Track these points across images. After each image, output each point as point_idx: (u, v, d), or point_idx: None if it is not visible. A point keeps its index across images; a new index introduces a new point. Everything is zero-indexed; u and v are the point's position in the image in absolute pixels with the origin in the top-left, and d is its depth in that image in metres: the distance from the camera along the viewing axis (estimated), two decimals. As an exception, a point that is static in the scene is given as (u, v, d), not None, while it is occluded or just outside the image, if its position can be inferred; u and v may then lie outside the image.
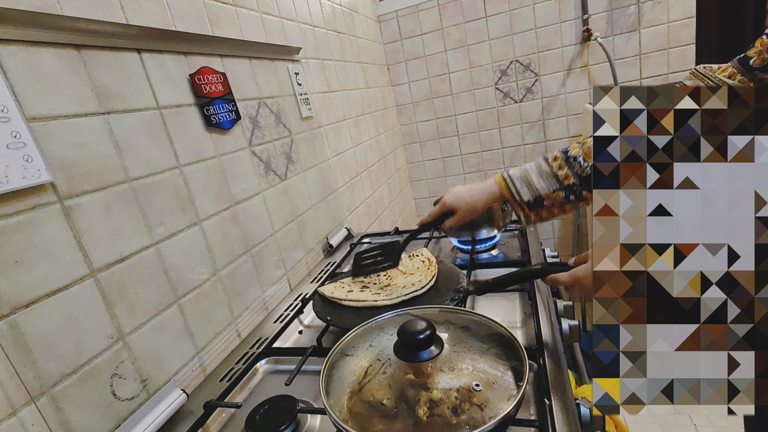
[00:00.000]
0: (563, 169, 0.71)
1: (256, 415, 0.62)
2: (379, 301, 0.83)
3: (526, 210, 0.73)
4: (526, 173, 0.74)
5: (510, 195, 0.75)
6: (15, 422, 0.50)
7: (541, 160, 0.74)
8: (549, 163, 0.73)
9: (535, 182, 0.73)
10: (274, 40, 1.16)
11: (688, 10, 1.82)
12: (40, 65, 0.57)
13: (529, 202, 0.73)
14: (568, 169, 0.70)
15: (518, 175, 0.75)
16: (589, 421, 0.58)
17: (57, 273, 0.56)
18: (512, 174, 0.76)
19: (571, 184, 0.70)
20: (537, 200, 0.72)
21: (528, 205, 0.73)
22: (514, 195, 0.74)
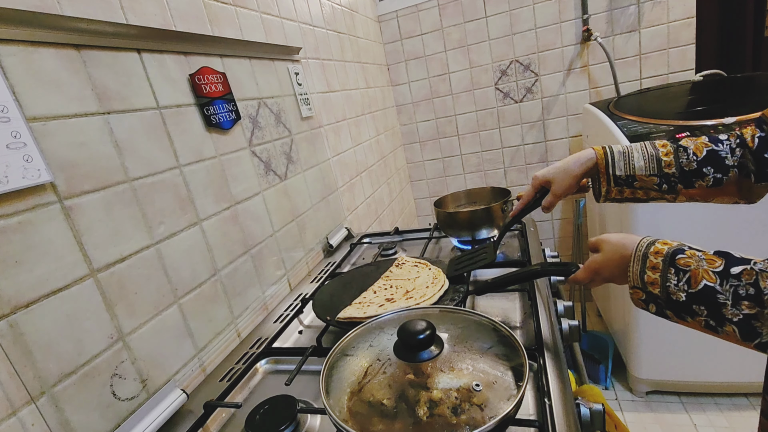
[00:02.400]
0: (669, 155, 0.68)
1: (256, 415, 0.62)
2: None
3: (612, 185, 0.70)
4: (629, 149, 0.71)
5: (604, 165, 0.71)
6: (15, 422, 0.50)
7: (647, 143, 0.71)
8: (656, 147, 0.70)
9: (636, 160, 0.69)
10: (274, 40, 1.16)
11: (688, 10, 1.82)
12: (40, 65, 0.57)
13: (619, 178, 0.70)
14: (674, 157, 0.68)
15: (619, 149, 0.72)
16: (589, 421, 0.58)
17: (57, 273, 0.56)
18: (613, 146, 0.73)
19: (671, 173, 0.67)
20: (628, 179, 0.69)
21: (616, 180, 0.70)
22: (609, 165, 0.71)
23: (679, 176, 0.67)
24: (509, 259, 1.05)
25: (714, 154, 0.65)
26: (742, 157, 0.64)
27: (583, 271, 0.64)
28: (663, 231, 1.40)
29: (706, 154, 0.66)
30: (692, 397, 1.62)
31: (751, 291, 0.43)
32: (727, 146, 0.65)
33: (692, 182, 0.67)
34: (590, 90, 2.03)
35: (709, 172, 0.65)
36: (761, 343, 0.43)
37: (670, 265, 0.50)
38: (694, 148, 0.67)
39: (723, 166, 0.65)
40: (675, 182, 0.68)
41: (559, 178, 0.77)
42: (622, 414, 1.62)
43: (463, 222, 1.11)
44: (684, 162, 0.67)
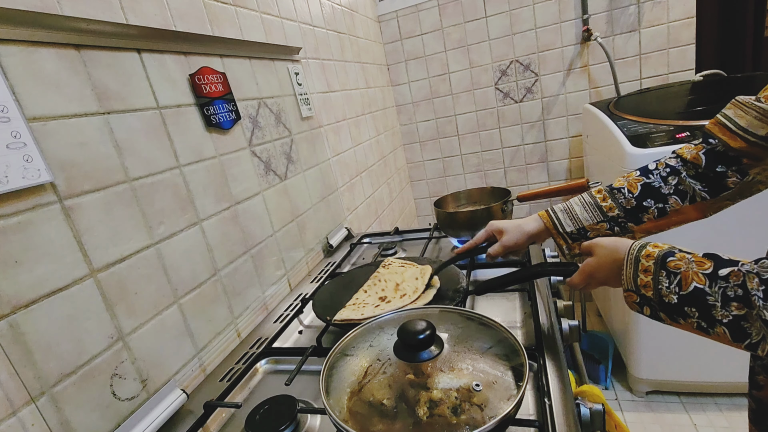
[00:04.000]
0: (607, 200, 0.71)
1: (256, 415, 0.62)
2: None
3: (569, 241, 0.73)
4: (570, 205, 0.75)
5: (553, 227, 0.75)
6: (15, 422, 0.50)
7: (585, 194, 0.75)
8: (593, 195, 0.73)
9: (578, 213, 0.73)
10: (274, 40, 1.16)
11: (688, 10, 1.82)
12: (40, 65, 0.57)
13: (572, 234, 0.73)
14: (611, 200, 0.71)
15: (561, 208, 0.76)
16: (589, 421, 0.58)
17: (57, 273, 0.56)
18: (555, 207, 0.77)
19: (615, 215, 0.70)
20: (580, 231, 0.72)
21: (571, 236, 0.73)
22: (557, 226, 0.74)
23: (625, 216, 0.70)
24: (509, 259, 1.05)
25: (648, 186, 0.68)
26: (679, 184, 0.67)
27: (578, 275, 0.65)
28: (663, 233, 1.40)
29: (640, 189, 0.69)
30: (692, 397, 1.62)
31: (740, 292, 0.44)
32: (657, 176, 0.68)
33: (639, 218, 0.69)
34: (590, 90, 2.03)
35: (650, 205, 0.68)
36: (751, 344, 0.44)
37: (661, 268, 0.51)
38: (628, 186, 0.70)
39: (660, 195, 0.67)
40: (623, 222, 0.70)
41: (510, 231, 0.79)
42: (622, 414, 1.62)
43: (463, 222, 1.12)
44: (623, 202, 0.70)
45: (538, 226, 0.78)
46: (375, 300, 0.85)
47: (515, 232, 0.79)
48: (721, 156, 0.63)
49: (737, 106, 0.62)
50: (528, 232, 0.78)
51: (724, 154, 0.63)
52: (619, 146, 1.40)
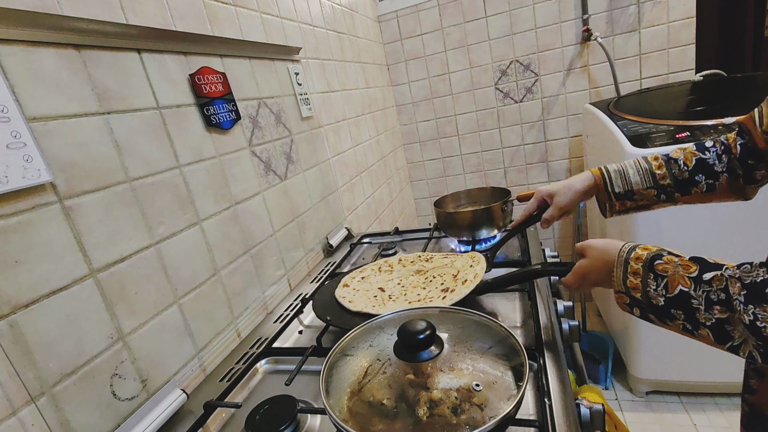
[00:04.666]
0: (662, 168, 0.72)
1: (256, 415, 0.62)
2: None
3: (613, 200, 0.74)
4: (624, 167, 0.75)
5: (603, 184, 0.76)
6: (15, 422, 0.50)
7: (640, 158, 0.76)
8: (648, 161, 0.74)
9: (631, 176, 0.74)
10: (274, 40, 1.16)
11: (688, 10, 1.82)
12: (40, 65, 0.57)
13: (619, 194, 0.74)
14: (666, 169, 0.72)
15: (614, 168, 0.76)
16: (589, 421, 0.58)
17: (57, 273, 0.56)
18: (608, 166, 0.78)
19: (667, 184, 0.71)
20: (628, 194, 0.73)
21: (617, 196, 0.74)
22: (607, 184, 0.75)
23: (675, 186, 0.71)
24: (509, 259, 1.05)
25: (703, 162, 0.69)
26: (730, 162, 0.68)
27: (571, 275, 0.66)
28: (663, 231, 1.40)
29: (695, 163, 0.70)
30: (692, 397, 1.62)
31: (722, 296, 0.45)
32: (713, 153, 0.70)
33: (688, 190, 0.71)
34: (590, 90, 2.03)
35: (701, 179, 0.69)
36: (733, 346, 0.45)
37: (649, 271, 0.52)
38: (684, 158, 0.71)
39: (713, 172, 0.69)
40: (672, 191, 0.71)
41: (562, 192, 0.80)
42: (622, 414, 1.62)
43: (463, 222, 1.12)
44: (676, 173, 0.71)
45: (588, 183, 0.78)
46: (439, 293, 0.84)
47: (567, 192, 0.79)
48: (751, 151, 0.65)
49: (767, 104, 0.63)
50: (579, 190, 0.79)
51: (752, 150, 0.65)
52: (619, 146, 1.40)
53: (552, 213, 0.81)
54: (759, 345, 0.42)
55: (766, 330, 0.41)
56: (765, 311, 0.41)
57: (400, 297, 0.86)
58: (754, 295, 0.42)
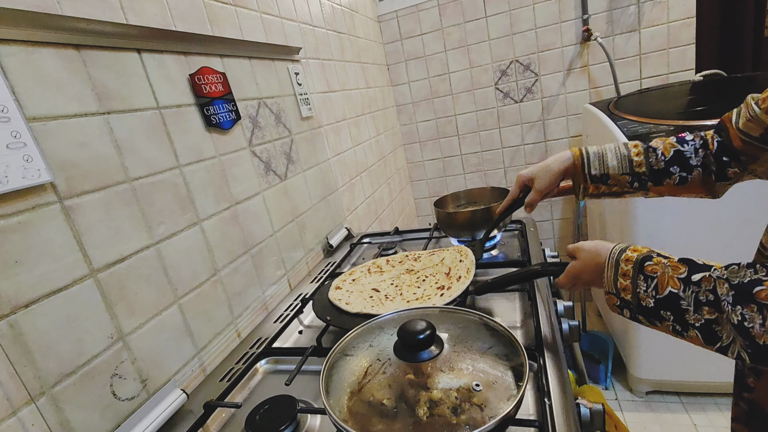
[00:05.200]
0: (640, 156, 0.72)
1: (256, 415, 0.62)
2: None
3: (588, 182, 0.75)
4: (603, 150, 0.76)
5: (581, 164, 0.76)
6: (15, 422, 0.50)
7: (621, 143, 0.76)
8: (628, 147, 0.74)
9: (609, 160, 0.74)
10: (274, 40, 1.16)
11: (688, 10, 1.82)
12: (40, 65, 0.57)
13: (594, 176, 0.75)
14: (644, 157, 0.72)
15: (594, 150, 0.77)
16: (589, 421, 0.58)
17: (57, 273, 0.56)
18: (588, 148, 0.78)
19: (642, 172, 0.71)
20: (603, 177, 0.74)
21: (593, 178, 0.75)
22: (584, 166, 0.75)
23: (649, 175, 0.71)
24: (509, 259, 1.05)
25: (680, 154, 0.70)
26: (705, 158, 0.69)
27: (564, 276, 0.66)
28: (663, 231, 1.40)
29: (672, 154, 0.70)
30: (692, 397, 1.62)
31: (711, 297, 0.45)
32: (691, 146, 0.70)
33: (661, 180, 0.71)
34: (590, 90, 2.03)
35: (675, 171, 0.69)
36: (722, 347, 0.45)
37: (639, 272, 0.52)
38: (662, 149, 0.71)
39: (688, 165, 0.69)
40: (645, 180, 0.72)
41: (540, 175, 0.80)
42: (622, 414, 1.62)
43: (463, 222, 1.11)
44: (653, 162, 0.71)
45: (566, 164, 0.78)
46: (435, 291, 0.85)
47: (545, 175, 0.80)
48: (727, 148, 0.66)
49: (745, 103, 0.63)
50: (557, 170, 0.79)
51: (729, 147, 0.65)
52: (619, 146, 1.40)
53: (533, 197, 0.82)
54: (746, 345, 0.42)
55: (753, 330, 0.41)
56: (752, 311, 0.42)
57: (397, 297, 0.86)
58: (742, 296, 0.43)
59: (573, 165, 0.77)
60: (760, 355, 0.42)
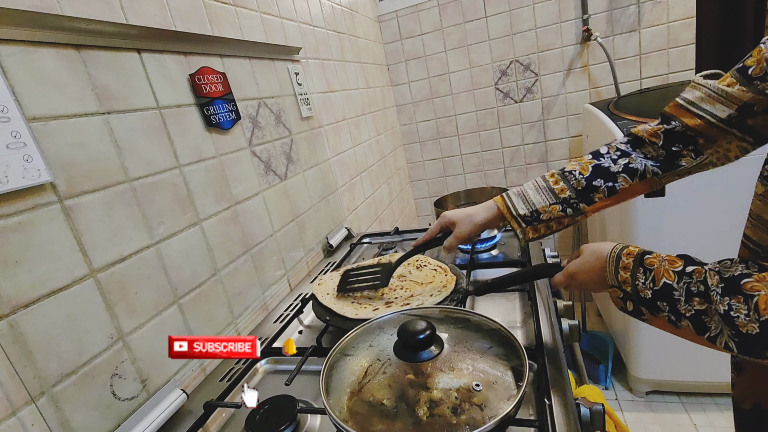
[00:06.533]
0: (559, 183, 0.72)
1: (256, 415, 0.62)
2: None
3: (523, 225, 0.74)
4: (523, 189, 0.75)
5: (506, 209, 0.75)
6: (15, 422, 0.50)
7: (538, 177, 0.76)
8: (545, 179, 0.74)
9: (531, 196, 0.73)
10: (274, 40, 1.16)
11: (688, 10, 1.82)
12: (40, 65, 0.57)
13: (524, 216, 0.73)
14: (563, 182, 0.71)
15: (515, 192, 0.76)
16: (589, 421, 0.58)
17: (57, 273, 0.56)
18: (509, 192, 0.77)
19: (567, 197, 0.71)
20: (533, 214, 0.73)
21: (524, 219, 0.73)
22: (510, 209, 0.74)
23: (577, 196, 0.71)
24: (509, 259, 1.05)
25: (599, 167, 0.70)
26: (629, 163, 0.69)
27: (560, 274, 0.67)
28: (663, 232, 1.40)
29: (591, 170, 0.70)
30: (692, 397, 1.62)
31: (701, 288, 0.47)
32: (608, 158, 0.70)
33: (591, 198, 0.70)
34: (590, 90, 2.03)
35: (600, 184, 0.69)
36: (711, 337, 0.47)
37: (639, 265, 0.54)
38: (580, 169, 0.71)
39: (609, 173, 0.69)
40: (575, 203, 0.71)
41: (462, 222, 0.79)
42: (622, 414, 1.62)
43: (463, 222, 1.11)
44: (574, 183, 0.71)
45: (489, 215, 0.78)
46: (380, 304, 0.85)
47: (466, 224, 0.79)
48: (679, 135, 0.65)
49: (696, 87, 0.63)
50: (479, 222, 0.78)
51: (682, 134, 0.65)
52: (619, 146, 1.40)
53: (451, 241, 0.81)
54: (733, 335, 0.44)
55: (738, 320, 0.43)
56: (739, 302, 0.43)
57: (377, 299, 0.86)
58: (730, 288, 0.44)
59: (499, 213, 0.76)
60: (746, 344, 0.43)
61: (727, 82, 0.59)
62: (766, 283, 0.43)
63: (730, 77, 0.59)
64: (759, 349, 0.43)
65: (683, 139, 0.65)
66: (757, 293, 0.42)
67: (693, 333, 0.49)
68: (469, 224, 0.78)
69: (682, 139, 0.65)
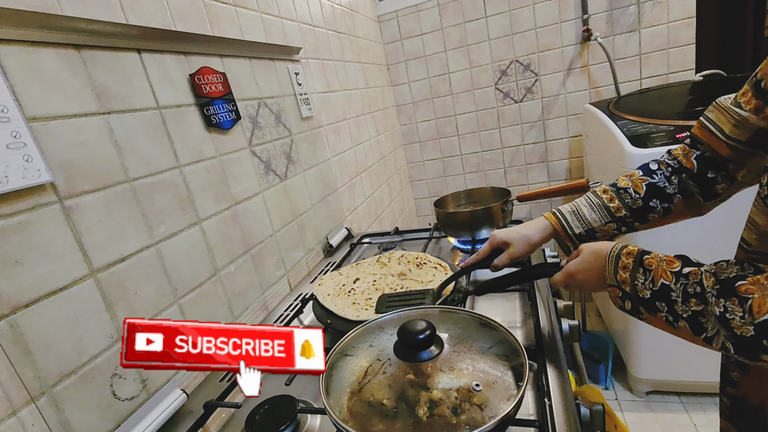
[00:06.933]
0: (614, 201, 0.71)
1: (256, 415, 0.62)
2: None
3: (576, 243, 0.73)
4: (577, 206, 0.74)
5: (562, 229, 0.74)
6: (15, 422, 0.50)
7: (590, 194, 0.74)
8: (599, 196, 0.73)
9: (587, 215, 0.72)
10: (274, 40, 1.16)
11: (688, 10, 1.82)
12: (40, 65, 0.57)
13: (580, 235, 0.73)
14: (619, 200, 0.71)
15: (569, 210, 0.75)
16: (589, 421, 0.58)
17: (57, 273, 0.56)
18: (562, 209, 0.76)
19: (623, 215, 0.70)
20: (589, 233, 0.72)
21: (579, 237, 0.73)
22: (565, 228, 0.74)
23: (632, 215, 0.70)
24: (509, 260, 1.05)
25: (653, 187, 0.69)
26: (681, 183, 0.68)
27: (559, 274, 0.66)
28: (663, 232, 1.40)
29: (646, 189, 0.69)
30: (692, 397, 1.62)
31: (698, 289, 0.48)
32: (661, 176, 0.69)
33: (645, 217, 0.70)
34: (590, 90, 2.03)
35: (656, 205, 0.69)
36: (707, 338, 0.47)
37: (639, 265, 0.54)
38: (633, 186, 0.70)
39: (666, 195, 0.68)
40: (631, 222, 0.71)
41: (518, 243, 0.78)
42: (622, 414, 1.62)
43: (463, 222, 1.12)
44: (629, 202, 0.70)
45: (545, 234, 0.76)
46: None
47: (521, 244, 0.77)
48: (710, 161, 0.64)
49: (718, 109, 0.62)
50: (536, 242, 0.77)
51: (712, 160, 0.64)
52: (619, 146, 1.40)
53: (504, 260, 0.79)
54: (729, 336, 0.44)
55: (733, 322, 0.43)
56: (734, 304, 0.44)
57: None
58: (726, 290, 0.45)
59: (553, 231, 0.76)
60: (742, 345, 0.44)
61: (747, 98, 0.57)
62: (760, 285, 0.43)
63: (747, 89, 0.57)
64: (754, 351, 0.43)
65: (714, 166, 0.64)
66: (751, 296, 0.43)
67: (690, 334, 0.49)
68: (526, 245, 0.77)
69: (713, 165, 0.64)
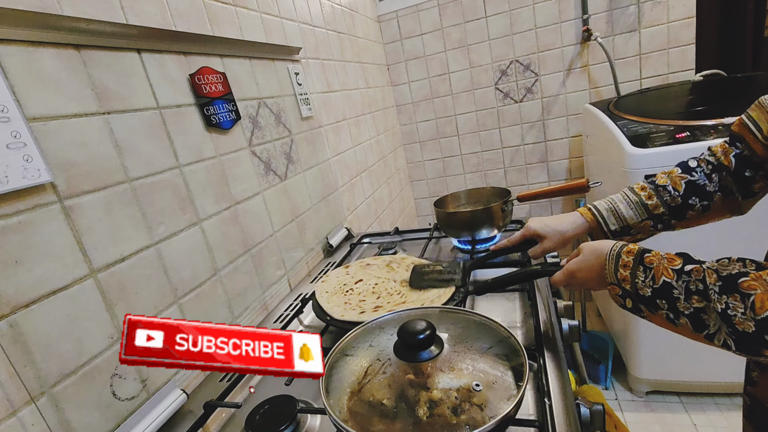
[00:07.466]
0: (652, 198, 0.70)
1: (256, 415, 0.62)
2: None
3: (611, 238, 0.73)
4: (614, 203, 0.74)
5: (597, 225, 0.74)
6: (15, 422, 0.50)
7: (627, 190, 0.74)
8: (637, 193, 0.72)
9: (623, 211, 0.72)
10: (274, 40, 1.16)
11: (688, 10, 1.82)
12: (40, 65, 0.57)
13: (615, 231, 0.72)
14: (657, 198, 0.70)
15: (605, 206, 0.74)
16: (589, 421, 0.58)
17: (57, 273, 0.56)
18: (598, 205, 0.76)
19: (661, 213, 0.70)
20: (624, 230, 0.72)
21: (614, 233, 0.73)
22: (601, 224, 0.73)
23: (669, 213, 0.70)
24: (509, 259, 1.05)
25: (693, 184, 0.68)
26: (721, 180, 0.67)
27: (560, 273, 0.66)
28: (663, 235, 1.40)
29: (685, 186, 0.69)
30: (692, 397, 1.62)
31: (700, 286, 0.48)
32: (701, 173, 0.68)
33: (683, 215, 0.70)
34: (590, 90, 2.03)
35: (695, 203, 0.68)
36: (709, 334, 0.48)
37: (639, 263, 0.54)
38: (672, 184, 0.70)
39: (706, 193, 0.68)
40: (668, 219, 0.70)
41: (553, 237, 0.78)
42: (622, 414, 1.62)
43: (463, 222, 1.11)
44: (668, 200, 0.69)
45: (579, 230, 0.76)
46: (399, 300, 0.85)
47: (556, 239, 0.78)
48: (748, 161, 0.64)
49: (760, 108, 0.62)
50: (570, 237, 0.77)
51: (750, 159, 0.64)
52: (619, 146, 1.40)
53: (538, 252, 0.80)
54: (730, 332, 0.45)
55: (735, 318, 0.44)
56: (736, 300, 0.44)
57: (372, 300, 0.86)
58: (728, 286, 0.45)
59: (588, 228, 0.76)
60: (743, 342, 0.44)
61: None
62: (762, 281, 0.43)
63: None
64: (755, 346, 0.43)
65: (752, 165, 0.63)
66: (753, 292, 0.43)
67: (691, 331, 0.49)
68: (560, 241, 0.78)
69: (751, 164, 0.64)
